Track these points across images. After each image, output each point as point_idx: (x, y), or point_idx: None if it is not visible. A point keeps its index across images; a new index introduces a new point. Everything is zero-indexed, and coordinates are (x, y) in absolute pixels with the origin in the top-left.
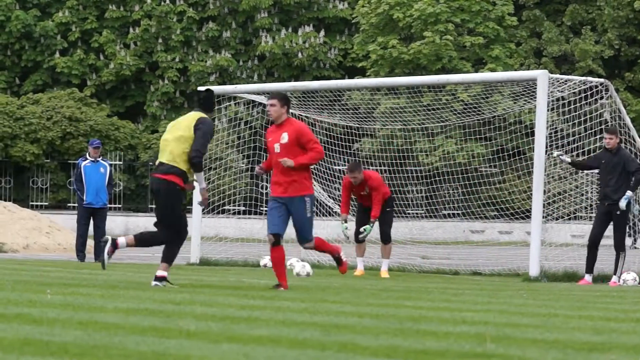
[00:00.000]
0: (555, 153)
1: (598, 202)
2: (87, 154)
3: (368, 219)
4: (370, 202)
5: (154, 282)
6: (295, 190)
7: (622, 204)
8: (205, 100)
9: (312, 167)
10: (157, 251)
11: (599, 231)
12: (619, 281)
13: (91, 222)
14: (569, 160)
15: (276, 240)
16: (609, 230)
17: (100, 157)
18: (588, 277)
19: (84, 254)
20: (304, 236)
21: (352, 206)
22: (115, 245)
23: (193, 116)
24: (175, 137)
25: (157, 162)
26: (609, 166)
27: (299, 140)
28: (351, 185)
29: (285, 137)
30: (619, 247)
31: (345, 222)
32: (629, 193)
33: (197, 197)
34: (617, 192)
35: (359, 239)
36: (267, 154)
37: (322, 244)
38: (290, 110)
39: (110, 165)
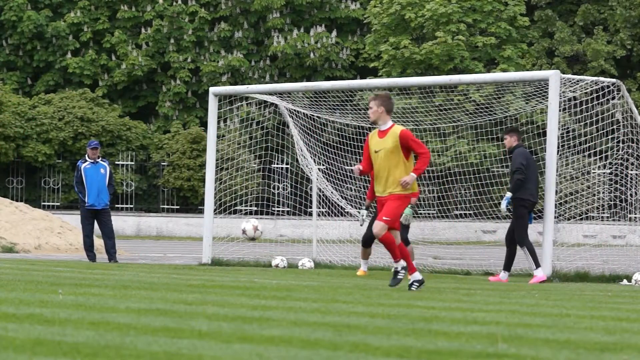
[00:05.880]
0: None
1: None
2: (86, 155)
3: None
4: None
5: None
6: None
7: (502, 206)
8: None
9: (324, 167)
10: (169, 251)
11: (510, 228)
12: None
13: (96, 223)
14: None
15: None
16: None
17: (100, 158)
18: (503, 275)
19: (93, 253)
20: None
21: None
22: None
23: None
24: None
25: None
26: (510, 165)
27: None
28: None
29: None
30: (519, 242)
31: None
32: (508, 194)
33: (208, 197)
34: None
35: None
36: (282, 155)
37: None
38: (302, 111)
39: (110, 165)
